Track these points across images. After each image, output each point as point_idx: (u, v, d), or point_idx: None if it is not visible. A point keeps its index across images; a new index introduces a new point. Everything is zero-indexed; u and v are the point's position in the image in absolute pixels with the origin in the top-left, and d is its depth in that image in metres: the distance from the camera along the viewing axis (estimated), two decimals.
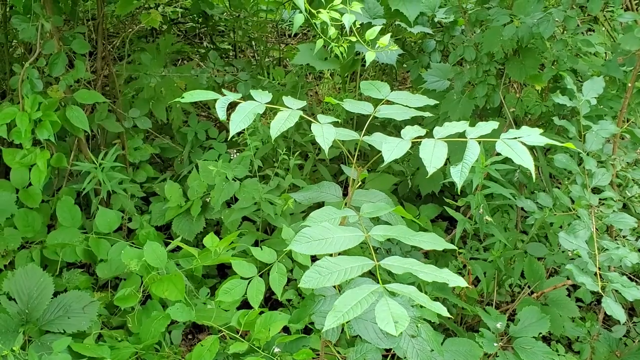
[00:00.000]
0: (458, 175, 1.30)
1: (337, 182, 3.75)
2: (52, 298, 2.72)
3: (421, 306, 1.52)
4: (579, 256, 2.10)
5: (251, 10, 4.56)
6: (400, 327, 1.09)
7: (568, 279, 2.94)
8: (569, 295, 3.01)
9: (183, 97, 1.60)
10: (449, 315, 1.21)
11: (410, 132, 1.49)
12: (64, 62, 3.23)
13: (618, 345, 2.89)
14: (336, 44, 2.29)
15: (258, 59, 4.84)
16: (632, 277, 3.18)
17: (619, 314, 2.00)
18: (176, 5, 4.75)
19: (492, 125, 1.43)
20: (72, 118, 3.24)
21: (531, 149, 3.47)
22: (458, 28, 3.36)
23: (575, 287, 3.08)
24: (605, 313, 3.03)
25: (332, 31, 2.18)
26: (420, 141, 1.47)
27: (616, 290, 2.14)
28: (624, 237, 2.47)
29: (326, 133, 1.47)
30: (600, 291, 2.02)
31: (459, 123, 1.49)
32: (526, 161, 1.29)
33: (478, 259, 3.00)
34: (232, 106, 1.73)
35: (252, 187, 3.16)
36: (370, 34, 1.95)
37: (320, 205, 1.83)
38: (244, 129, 3.44)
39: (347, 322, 2.16)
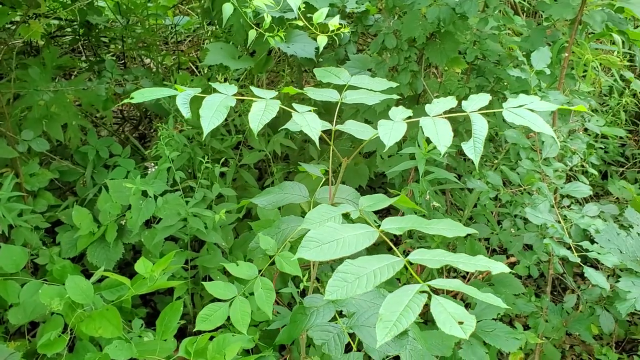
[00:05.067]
0: (472, 152, 1.18)
1: (260, 188, 3.56)
2: None
3: None
4: (547, 229, 2.06)
5: (141, 16, 4.24)
6: (469, 328, 0.94)
7: (510, 256, 2.96)
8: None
9: (132, 98, 1.35)
10: (507, 307, 1.08)
11: (399, 114, 1.35)
12: None
13: (562, 315, 2.94)
14: (271, 34, 2.12)
15: (151, 66, 4.51)
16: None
17: (602, 281, 1.99)
18: (54, 17, 4.31)
19: (487, 97, 1.33)
20: None
21: (455, 130, 3.38)
22: (371, 17, 3.29)
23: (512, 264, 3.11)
24: (552, 286, 3.08)
25: (268, 19, 2.01)
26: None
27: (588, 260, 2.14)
28: (567, 206, 2.49)
29: (311, 122, 1.29)
30: (580, 262, 2.00)
31: (448, 99, 1.37)
32: (544, 128, 1.19)
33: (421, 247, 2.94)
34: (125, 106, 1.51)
35: (175, 203, 2.90)
36: (318, 16, 1.80)
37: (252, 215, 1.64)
38: (158, 141, 3.17)
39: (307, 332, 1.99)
